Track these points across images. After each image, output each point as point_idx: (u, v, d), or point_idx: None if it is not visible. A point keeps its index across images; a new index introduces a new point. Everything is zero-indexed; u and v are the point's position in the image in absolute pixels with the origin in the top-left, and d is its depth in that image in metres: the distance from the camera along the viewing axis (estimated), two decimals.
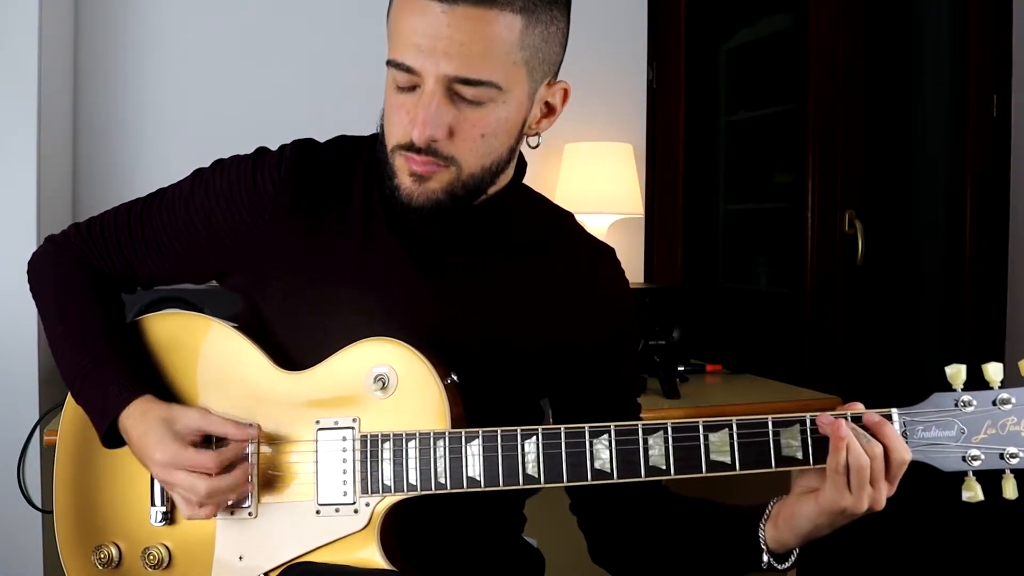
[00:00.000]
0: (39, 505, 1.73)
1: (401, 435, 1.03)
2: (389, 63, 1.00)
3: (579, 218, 1.24)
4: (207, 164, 1.18)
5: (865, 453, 0.94)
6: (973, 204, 3.16)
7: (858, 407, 0.98)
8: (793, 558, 1.05)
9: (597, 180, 2.45)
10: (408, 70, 0.98)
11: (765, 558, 1.04)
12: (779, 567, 1.04)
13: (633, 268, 2.70)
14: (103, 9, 2.26)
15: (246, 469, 1.06)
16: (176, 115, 2.31)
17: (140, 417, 1.05)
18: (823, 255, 3.01)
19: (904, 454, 0.95)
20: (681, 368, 2.05)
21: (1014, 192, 3.15)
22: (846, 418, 0.96)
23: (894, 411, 0.97)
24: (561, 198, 2.41)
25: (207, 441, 1.07)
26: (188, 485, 1.03)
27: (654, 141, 2.79)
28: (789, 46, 3.16)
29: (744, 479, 1.00)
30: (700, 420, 0.99)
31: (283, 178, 1.11)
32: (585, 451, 1.00)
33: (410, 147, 1.01)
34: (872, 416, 0.97)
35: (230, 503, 1.06)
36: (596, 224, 2.46)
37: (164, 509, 1.10)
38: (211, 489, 1.03)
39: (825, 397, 1.99)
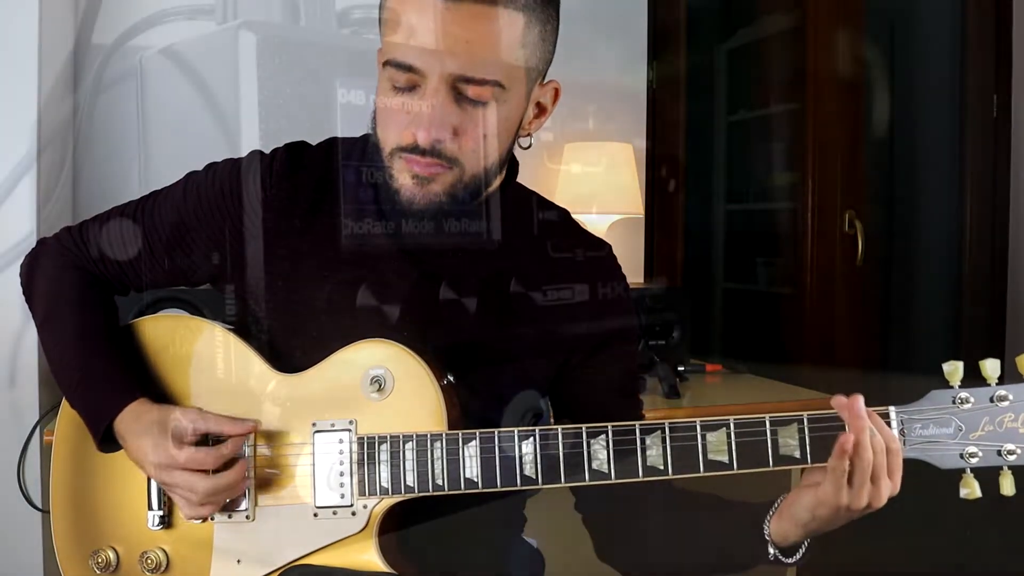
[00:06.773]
0: (39, 505, 1.73)
1: (398, 437, 1.03)
2: (387, 63, 0.99)
3: (579, 218, 1.23)
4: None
5: (871, 448, 0.94)
6: (973, 204, 3.15)
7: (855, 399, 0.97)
8: (801, 552, 1.03)
9: (597, 180, 2.45)
10: (410, 69, 0.97)
11: (771, 550, 1.03)
12: (786, 560, 1.03)
13: (633, 268, 2.70)
14: (103, 9, 2.26)
15: (244, 466, 1.05)
16: (176, 115, 2.30)
17: (135, 420, 1.05)
18: (823, 255, 3.00)
19: (892, 443, 0.95)
20: (681, 368, 2.05)
21: (1014, 192, 3.15)
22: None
23: (892, 409, 0.97)
24: (561, 198, 2.39)
25: (204, 441, 1.06)
26: (187, 484, 1.02)
27: (654, 141, 2.78)
28: (789, 46, 3.15)
29: (744, 478, 0.99)
30: (697, 420, 0.99)
31: (274, 182, 1.11)
32: (583, 451, 1.00)
33: (413, 149, 1.00)
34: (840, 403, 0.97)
35: (229, 501, 1.06)
36: (596, 224, 2.46)
37: (161, 513, 1.09)
38: (210, 487, 1.02)
39: (825, 397, 1.96)
